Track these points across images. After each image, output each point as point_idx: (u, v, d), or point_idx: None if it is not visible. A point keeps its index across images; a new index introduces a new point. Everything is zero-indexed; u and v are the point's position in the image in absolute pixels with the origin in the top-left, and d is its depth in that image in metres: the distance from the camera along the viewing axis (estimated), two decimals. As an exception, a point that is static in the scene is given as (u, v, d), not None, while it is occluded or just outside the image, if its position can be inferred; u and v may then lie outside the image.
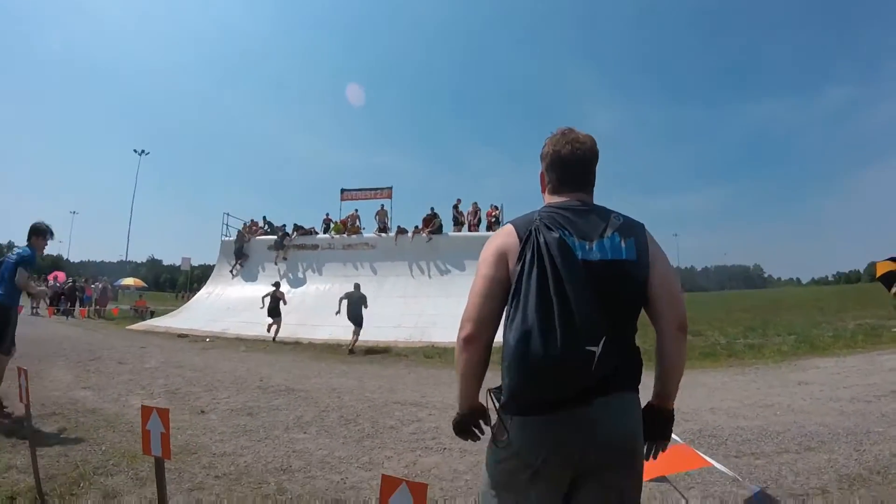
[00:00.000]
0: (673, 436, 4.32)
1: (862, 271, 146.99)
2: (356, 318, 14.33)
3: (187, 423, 6.19)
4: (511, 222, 1.93)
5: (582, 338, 1.61)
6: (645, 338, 1.83)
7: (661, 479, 3.43)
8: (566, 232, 1.79)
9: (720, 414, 6.77)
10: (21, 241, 6.95)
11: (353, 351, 13.82)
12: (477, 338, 1.79)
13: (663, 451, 1.97)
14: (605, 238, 1.81)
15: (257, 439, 5.58)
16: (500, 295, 1.81)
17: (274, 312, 16.15)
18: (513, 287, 1.76)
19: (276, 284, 16.82)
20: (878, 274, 13.98)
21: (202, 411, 6.84)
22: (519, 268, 1.76)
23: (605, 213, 1.91)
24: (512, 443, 1.72)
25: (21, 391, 4.06)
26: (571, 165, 1.99)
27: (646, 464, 1.92)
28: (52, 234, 6.62)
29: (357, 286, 15.10)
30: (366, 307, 14.60)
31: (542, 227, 1.79)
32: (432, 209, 21.90)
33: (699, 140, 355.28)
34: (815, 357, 11.40)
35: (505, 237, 1.87)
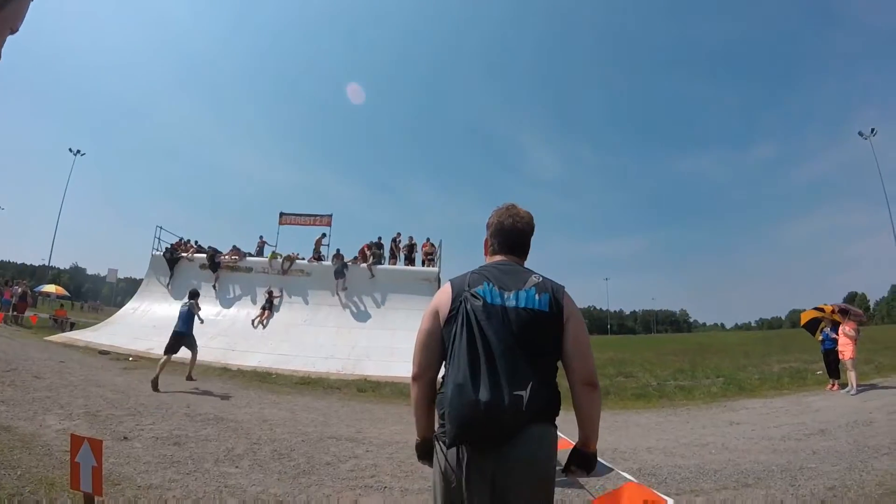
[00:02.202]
0: (625, 474, 4.32)
1: (784, 318, 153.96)
2: None
3: (109, 450, 5.77)
4: (450, 281, 2.35)
5: (508, 384, 1.97)
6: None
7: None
8: (490, 283, 2.22)
9: (657, 453, 6.88)
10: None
11: None
12: (421, 375, 2.25)
13: (585, 475, 2.35)
14: (522, 290, 2.20)
15: (186, 472, 5.27)
16: (433, 344, 2.24)
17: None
18: (448, 348, 2.16)
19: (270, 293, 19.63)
20: (803, 322, 14.72)
21: (125, 437, 6.44)
22: (452, 330, 2.15)
23: (526, 273, 2.32)
24: (443, 469, 2.09)
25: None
26: (510, 235, 2.45)
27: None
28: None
29: None
30: None
31: (469, 296, 2.18)
32: (379, 238, 21.94)
33: (631, 188, 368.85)
34: (744, 398, 11.84)
35: (441, 297, 2.30)
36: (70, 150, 55.78)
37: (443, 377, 2.17)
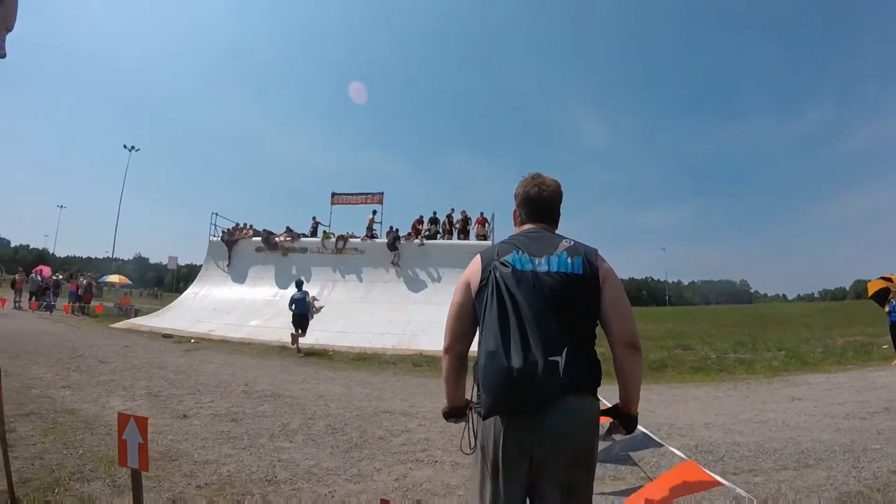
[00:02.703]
0: (676, 451, 4.12)
1: (848, 288, 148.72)
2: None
3: (169, 427, 5.99)
4: (480, 253, 2.27)
5: (542, 350, 1.87)
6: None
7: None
8: (519, 251, 2.15)
9: (715, 429, 6.67)
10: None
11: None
12: (452, 348, 2.21)
13: (624, 434, 2.27)
14: (554, 255, 2.13)
15: (241, 447, 5.38)
16: (465, 316, 2.20)
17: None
18: (480, 318, 2.09)
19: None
20: (871, 293, 14.03)
21: (184, 415, 6.63)
22: (483, 300, 2.08)
23: (557, 238, 2.25)
24: (480, 442, 2.04)
25: (-6, 392, 3.85)
26: (537, 204, 2.38)
27: (653, 486, 2.52)
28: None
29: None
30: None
31: (499, 264, 2.11)
32: (434, 213, 22.06)
33: (685, 155, 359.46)
34: (806, 373, 11.42)
35: (471, 269, 2.24)
36: (125, 146, 57.82)
37: (477, 347, 2.06)
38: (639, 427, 4.60)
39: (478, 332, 2.13)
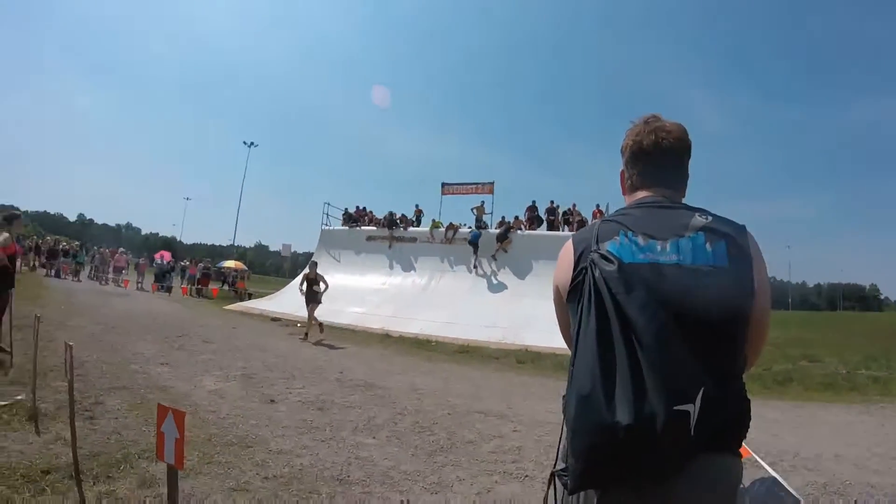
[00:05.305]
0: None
1: None
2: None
3: (253, 412, 5.89)
4: (572, 238, 1.61)
5: (666, 395, 1.20)
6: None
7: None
8: (630, 233, 1.44)
9: (846, 464, 5.77)
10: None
11: None
12: None
13: None
14: (685, 238, 1.41)
15: (321, 439, 5.15)
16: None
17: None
18: (573, 339, 1.39)
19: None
20: None
21: (272, 400, 6.53)
22: (577, 311, 1.39)
23: (686, 212, 1.51)
24: None
25: (66, 366, 3.73)
26: (655, 158, 1.63)
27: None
28: None
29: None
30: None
31: (598, 258, 1.39)
32: (552, 202, 21.91)
33: (800, 141, 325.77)
34: None
35: (559, 264, 1.61)
36: (244, 142, 61.62)
37: (567, 384, 1.40)
38: (769, 471, 3.77)
39: (570, 365, 1.41)
